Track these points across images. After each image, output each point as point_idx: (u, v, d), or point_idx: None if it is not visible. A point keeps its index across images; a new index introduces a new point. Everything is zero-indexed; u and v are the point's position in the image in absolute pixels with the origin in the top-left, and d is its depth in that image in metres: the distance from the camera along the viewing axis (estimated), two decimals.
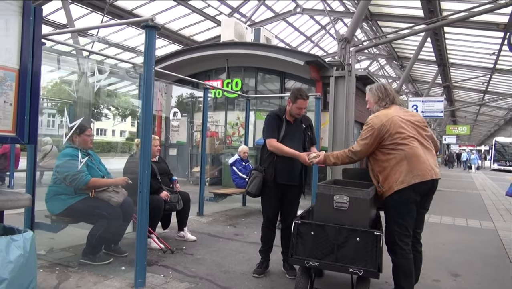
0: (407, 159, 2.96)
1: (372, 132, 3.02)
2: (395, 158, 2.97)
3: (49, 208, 3.87)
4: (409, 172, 2.94)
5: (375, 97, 3.26)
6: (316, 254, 2.86)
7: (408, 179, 2.92)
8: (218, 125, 12.07)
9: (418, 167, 2.95)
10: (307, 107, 3.87)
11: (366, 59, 24.69)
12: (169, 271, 3.74)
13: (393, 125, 3.01)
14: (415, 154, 2.98)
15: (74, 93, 12.60)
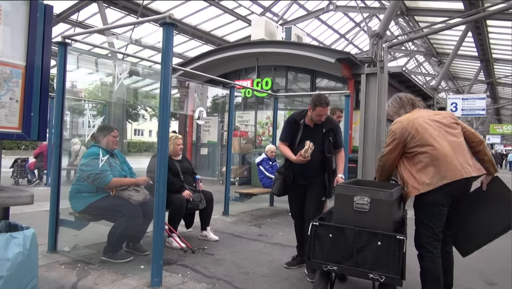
0: (432, 162, 2.84)
1: (394, 138, 2.96)
2: (420, 162, 2.87)
3: (72, 205, 3.92)
4: (435, 174, 2.81)
5: (393, 109, 3.25)
6: (334, 258, 2.70)
7: (435, 180, 2.79)
8: (248, 124, 12.02)
9: (446, 167, 2.80)
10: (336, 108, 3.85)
11: (403, 57, 23.92)
12: (188, 271, 3.69)
13: (416, 128, 2.92)
14: (441, 154, 2.84)
15: (106, 94, 13.01)
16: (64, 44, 4.04)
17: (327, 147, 3.82)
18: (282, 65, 11.44)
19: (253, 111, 12.08)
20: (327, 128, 3.86)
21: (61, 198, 4.10)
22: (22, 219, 5.21)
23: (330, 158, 3.87)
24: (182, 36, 16.52)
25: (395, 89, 11.61)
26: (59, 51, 4.03)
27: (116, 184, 3.83)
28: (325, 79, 11.12)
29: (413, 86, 12.21)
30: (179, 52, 17.57)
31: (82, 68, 13.78)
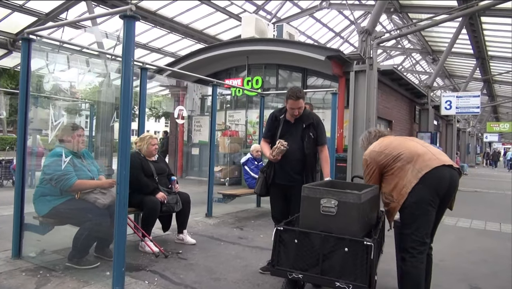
0: (408, 161, 2.78)
1: (366, 164, 2.99)
2: (398, 168, 2.82)
3: (36, 209, 3.74)
4: (413, 169, 2.74)
5: (364, 144, 3.25)
6: (300, 265, 2.52)
7: (414, 174, 2.72)
8: (238, 124, 11.84)
9: (420, 160, 2.75)
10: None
11: (400, 55, 23.73)
12: (156, 277, 3.51)
13: (382, 144, 2.96)
14: (414, 153, 2.80)
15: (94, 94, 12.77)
16: (28, 40, 3.85)
17: (307, 142, 3.66)
18: (273, 64, 11.26)
19: (244, 110, 11.90)
20: (307, 123, 3.72)
21: (27, 201, 3.93)
22: None
23: (311, 156, 3.70)
24: (174, 35, 16.31)
25: (388, 87, 11.44)
26: (22, 46, 3.85)
27: (81, 186, 3.65)
28: (316, 77, 10.94)
29: (406, 84, 12.05)
30: (171, 52, 17.38)
31: (75, 68, 13.58)
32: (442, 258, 4.41)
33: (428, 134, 14.15)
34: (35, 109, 10.57)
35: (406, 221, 2.74)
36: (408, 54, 21.76)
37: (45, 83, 11.52)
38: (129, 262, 3.85)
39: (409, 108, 14.15)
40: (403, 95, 13.13)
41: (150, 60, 17.44)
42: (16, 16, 12.31)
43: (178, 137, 13.18)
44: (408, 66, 24.41)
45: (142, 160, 4.50)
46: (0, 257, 3.88)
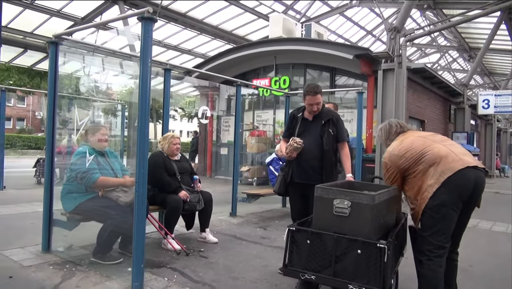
0: (430, 164, 2.67)
1: (386, 168, 2.91)
2: (421, 171, 2.72)
3: (63, 205, 3.90)
4: (435, 173, 2.62)
5: (382, 137, 3.18)
6: (312, 266, 2.50)
7: (436, 178, 2.61)
8: (266, 124, 11.84)
9: (443, 162, 2.64)
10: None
11: (435, 53, 22.97)
12: (175, 274, 3.57)
13: (402, 148, 2.84)
14: (436, 155, 2.68)
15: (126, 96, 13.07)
16: (55, 43, 4.02)
17: (327, 139, 3.62)
18: (301, 63, 11.20)
19: (272, 110, 11.89)
20: (326, 119, 3.68)
21: (55, 198, 4.10)
22: (32, 218, 5.28)
23: (330, 153, 3.65)
24: (204, 36, 16.53)
25: (420, 86, 11.10)
26: (50, 50, 4.02)
27: (103, 182, 3.77)
28: (345, 77, 10.78)
29: (439, 82, 11.64)
30: (202, 53, 17.62)
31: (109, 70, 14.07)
32: (472, 263, 4.24)
33: (464, 134, 13.61)
34: (76, 110, 11.00)
35: (425, 223, 2.65)
36: (444, 52, 21.01)
37: (81, 85, 11.93)
38: (151, 259, 3.96)
39: (443, 107, 13.66)
40: (436, 94, 12.70)
41: (180, 61, 17.79)
42: (54, 20, 12.87)
43: (207, 138, 13.34)
44: (445, 64, 23.59)
45: (165, 159, 4.59)
46: (31, 250, 4.07)
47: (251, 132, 11.46)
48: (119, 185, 3.85)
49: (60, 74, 5.97)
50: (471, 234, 5.78)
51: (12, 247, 4.17)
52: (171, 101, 29.11)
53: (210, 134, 13.28)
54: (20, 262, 3.70)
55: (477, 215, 7.08)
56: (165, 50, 17.34)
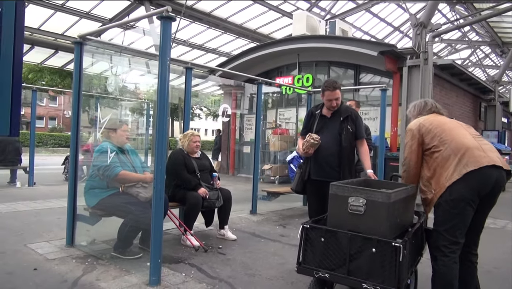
0: (453, 152, 2.58)
1: (412, 134, 2.79)
2: (440, 154, 2.63)
3: (86, 200, 4.01)
4: (458, 163, 2.54)
5: (414, 113, 3.05)
6: (327, 264, 2.47)
7: (459, 169, 2.53)
8: (289, 122, 11.79)
9: (468, 154, 2.54)
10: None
11: (466, 48, 22.22)
12: (193, 270, 3.61)
13: (433, 122, 2.77)
14: (462, 145, 2.59)
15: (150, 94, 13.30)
16: (80, 44, 4.13)
17: (345, 136, 3.58)
18: (324, 61, 11.08)
19: (295, 108, 11.82)
20: (344, 116, 3.64)
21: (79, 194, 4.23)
22: (59, 213, 5.44)
23: (348, 150, 3.60)
24: (229, 35, 16.61)
25: (448, 82, 10.78)
26: (75, 50, 4.13)
27: (124, 176, 3.86)
28: (370, 74, 10.59)
29: (468, 79, 11.25)
30: (226, 52, 17.71)
31: (135, 70, 14.34)
32: (497, 265, 4.10)
33: (495, 133, 13.12)
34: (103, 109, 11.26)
35: (441, 218, 2.59)
36: (476, 48, 20.30)
37: (108, 84, 12.22)
38: (169, 254, 4.02)
39: (473, 105, 13.21)
40: (466, 91, 12.29)
41: (205, 61, 17.94)
42: (83, 22, 13.23)
43: (230, 136, 13.41)
44: (476, 60, 22.79)
45: (185, 157, 4.64)
46: (56, 244, 4.22)
47: (273, 131, 11.44)
48: (139, 181, 3.93)
49: (89, 74, 6.12)
50: (498, 235, 5.58)
51: (39, 241, 4.33)
52: (196, 100, 29.46)
53: (233, 132, 13.34)
54: (45, 255, 3.83)
55: (508, 216, 6.85)
56: (190, 49, 17.53)
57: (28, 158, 8.75)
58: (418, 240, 2.82)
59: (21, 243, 4.20)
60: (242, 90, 13.64)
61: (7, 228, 4.83)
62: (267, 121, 12.25)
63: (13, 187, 8.48)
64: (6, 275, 3.30)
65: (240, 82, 13.00)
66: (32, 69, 25.02)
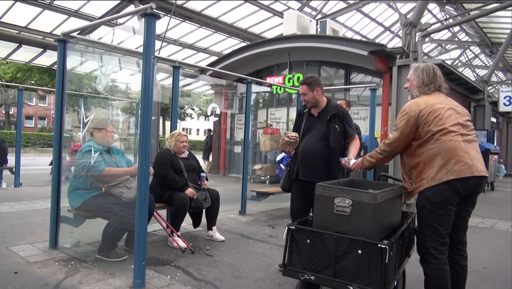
0: (441, 153, 2.52)
1: (407, 120, 2.62)
2: (428, 151, 2.57)
3: (69, 202, 3.92)
4: (442, 167, 2.50)
5: (419, 80, 2.77)
6: (312, 267, 2.42)
7: (440, 175, 2.49)
8: (279, 122, 11.75)
9: (454, 161, 2.48)
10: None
11: (456, 48, 22.39)
12: (178, 272, 3.55)
13: (432, 114, 2.60)
14: (452, 147, 2.52)
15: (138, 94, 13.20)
16: (64, 41, 4.05)
17: (333, 136, 3.48)
18: (315, 60, 11.06)
19: (285, 108, 11.79)
20: (331, 114, 3.55)
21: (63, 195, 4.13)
22: (44, 215, 5.31)
23: (336, 150, 3.51)
24: (220, 34, 16.54)
25: None
26: (58, 48, 4.04)
27: (109, 172, 3.78)
28: (361, 74, 10.59)
29: (458, 79, 11.31)
30: (217, 51, 17.63)
31: (126, 70, 14.18)
32: (486, 265, 4.09)
33: (484, 132, 13.22)
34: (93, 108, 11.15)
35: (426, 220, 2.54)
36: (465, 48, 20.45)
37: (97, 84, 12.08)
38: (155, 256, 3.95)
39: (462, 104, 13.03)
40: (455, 91, 12.35)
41: (196, 60, 17.85)
42: (72, 20, 13.06)
43: (221, 136, 13.34)
44: (466, 60, 22.98)
45: (172, 157, 4.57)
46: (39, 247, 4.12)
47: (264, 130, 11.39)
48: (124, 174, 3.84)
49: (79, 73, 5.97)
50: (488, 235, 5.59)
51: (21, 243, 4.23)
52: (188, 100, 29.23)
53: (224, 132, 13.27)
54: (26, 258, 3.73)
55: (496, 215, 6.88)
56: (180, 48, 17.42)
57: (14, 158, 8.60)
58: (405, 241, 2.80)
59: (3, 246, 4.09)
60: (234, 90, 13.58)
61: None
62: (257, 121, 12.20)
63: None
64: None
65: (231, 82, 12.95)
66: (21, 68, 24.71)
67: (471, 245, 2.84)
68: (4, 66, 25.10)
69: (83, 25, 12.84)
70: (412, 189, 2.68)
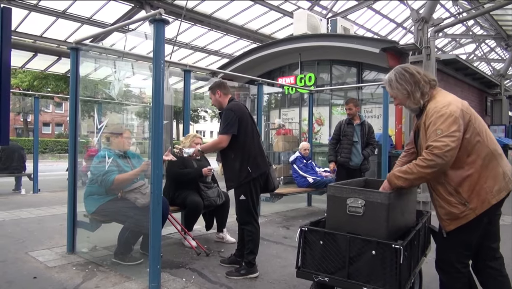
0: (496, 156, 2.22)
1: (457, 122, 2.13)
2: (479, 157, 2.18)
3: (85, 207, 3.98)
4: (504, 175, 2.22)
5: (402, 92, 2.36)
6: (326, 268, 2.41)
7: (505, 184, 2.21)
8: (292, 122, 11.71)
9: (508, 166, 2.27)
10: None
11: (471, 43, 21.98)
12: (194, 275, 3.57)
13: (472, 111, 2.25)
14: (499, 148, 2.29)
15: None
16: (76, 49, 4.11)
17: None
18: (326, 59, 10.99)
19: (298, 108, 11.75)
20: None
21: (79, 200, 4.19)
22: (62, 220, 5.39)
23: (224, 152, 3.62)
24: (230, 36, 16.59)
25: (452, 78, 10.66)
26: (71, 55, 4.11)
27: (120, 180, 3.78)
28: (373, 72, 10.49)
29: (473, 73, 11.10)
30: (229, 53, 17.69)
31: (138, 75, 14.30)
32: None
33: (502, 127, 12.95)
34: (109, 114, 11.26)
35: (457, 232, 2.27)
36: (480, 42, 20.06)
37: (111, 89, 12.20)
38: (171, 259, 3.98)
39: (478, 100, 13.05)
40: (471, 85, 12.14)
41: (208, 63, 17.93)
42: (86, 28, 13.27)
43: None
44: (482, 54, 22.54)
45: (184, 158, 4.60)
46: (57, 251, 4.19)
47: (276, 131, 11.38)
48: (134, 176, 3.86)
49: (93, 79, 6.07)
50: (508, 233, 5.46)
51: (40, 248, 4.31)
52: (201, 102, 29.25)
53: None
54: (45, 263, 3.81)
55: None
56: (192, 52, 17.54)
57: (32, 164, 8.78)
58: (421, 241, 2.76)
59: (22, 251, 4.18)
60: (246, 91, 13.59)
61: (9, 236, 4.82)
62: (270, 122, 12.19)
63: (18, 194, 8.51)
64: (5, 284, 3.28)
65: (243, 84, 12.96)
66: (37, 76, 25.21)
67: None
68: (21, 74, 25.62)
69: (95, 32, 13.05)
70: (466, 213, 2.18)
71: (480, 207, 2.17)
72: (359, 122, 5.73)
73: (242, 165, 3.50)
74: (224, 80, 3.79)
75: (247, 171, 3.51)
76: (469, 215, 2.19)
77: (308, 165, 6.69)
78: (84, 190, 4.02)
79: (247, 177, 3.52)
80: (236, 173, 3.53)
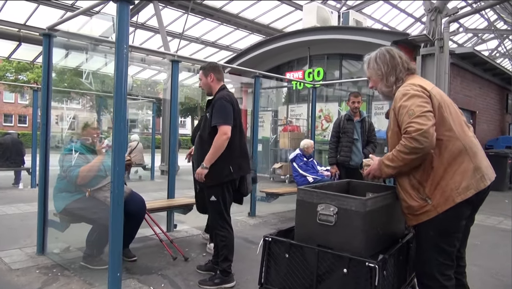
0: (468, 151, 1.94)
1: (424, 98, 1.95)
2: (449, 149, 1.94)
3: (54, 205, 3.71)
4: (475, 171, 1.93)
5: (377, 71, 2.22)
6: (292, 286, 2.04)
7: (474, 182, 1.92)
8: (300, 118, 11.30)
9: (483, 162, 1.98)
10: None
11: (494, 38, 21.02)
12: (163, 283, 3.25)
13: (441, 96, 2.04)
14: (473, 144, 2.00)
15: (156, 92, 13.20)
16: (49, 36, 3.83)
17: (203, 125, 3.29)
18: (336, 53, 10.53)
19: (306, 104, 11.32)
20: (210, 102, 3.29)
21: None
22: None
23: (204, 140, 3.22)
24: (241, 31, 16.24)
25: (469, 73, 10.05)
26: (43, 42, 3.84)
27: (85, 172, 3.51)
28: None
29: (493, 68, 10.46)
30: (240, 48, 17.35)
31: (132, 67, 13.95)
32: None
33: None
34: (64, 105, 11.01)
35: (431, 239, 1.99)
36: (504, 37, 19.13)
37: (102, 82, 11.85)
38: (145, 263, 3.70)
39: (499, 96, 12.34)
40: (490, 81, 11.47)
41: (219, 58, 17.62)
42: (69, 15, 13.01)
43: None
44: (505, 51, 21.54)
45: None
46: (28, 252, 3.94)
47: (283, 128, 10.98)
48: (100, 163, 3.59)
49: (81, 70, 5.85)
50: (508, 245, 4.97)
51: (12, 247, 4.06)
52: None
53: (245, 129, 12.96)
54: (9, 265, 3.55)
55: None
56: (203, 47, 17.28)
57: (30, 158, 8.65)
58: (411, 254, 2.36)
59: None
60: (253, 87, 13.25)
61: None
62: (278, 118, 11.81)
63: (16, 189, 8.38)
64: None
65: (249, 79, 12.63)
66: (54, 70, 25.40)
67: None
68: (38, 69, 25.89)
69: (60, 16, 12.51)
70: (427, 208, 1.96)
71: (443, 204, 1.93)
72: (359, 119, 5.27)
73: (225, 163, 3.15)
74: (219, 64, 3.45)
75: (229, 170, 3.17)
76: (430, 212, 1.96)
77: (308, 163, 6.29)
78: (54, 187, 3.75)
79: (228, 176, 3.18)
80: (218, 170, 3.17)
